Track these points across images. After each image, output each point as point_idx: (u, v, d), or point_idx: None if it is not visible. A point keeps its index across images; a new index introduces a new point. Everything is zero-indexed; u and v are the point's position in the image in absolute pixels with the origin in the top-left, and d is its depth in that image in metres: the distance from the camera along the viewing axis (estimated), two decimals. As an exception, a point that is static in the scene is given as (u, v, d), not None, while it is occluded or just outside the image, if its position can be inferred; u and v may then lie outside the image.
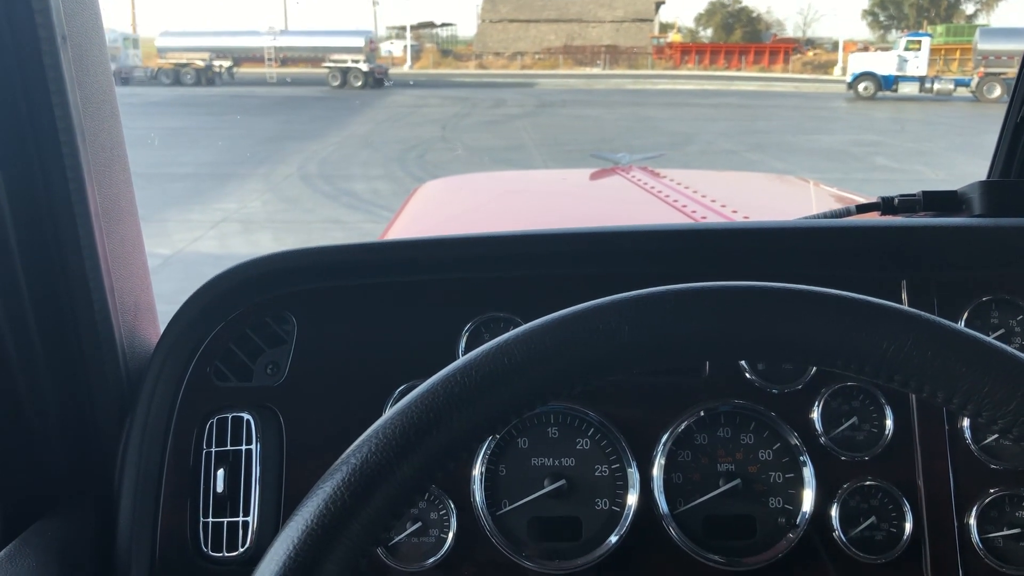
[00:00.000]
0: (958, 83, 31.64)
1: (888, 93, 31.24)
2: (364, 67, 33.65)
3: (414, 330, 1.25)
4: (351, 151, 15.22)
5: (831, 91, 33.99)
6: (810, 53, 54.16)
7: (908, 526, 1.19)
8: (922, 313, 0.64)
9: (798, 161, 14.49)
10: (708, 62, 51.93)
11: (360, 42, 34.43)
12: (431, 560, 1.18)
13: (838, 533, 1.19)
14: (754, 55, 51.66)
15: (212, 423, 1.21)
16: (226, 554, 1.17)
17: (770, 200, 3.20)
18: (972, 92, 30.13)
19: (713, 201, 2.61)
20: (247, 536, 1.17)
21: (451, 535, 1.19)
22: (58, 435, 1.15)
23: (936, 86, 31.52)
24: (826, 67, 47.53)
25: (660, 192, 2.78)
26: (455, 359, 0.78)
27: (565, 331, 0.64)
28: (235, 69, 36.77)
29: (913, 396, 1.23)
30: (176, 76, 34.05)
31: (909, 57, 31.78)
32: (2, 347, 1.08)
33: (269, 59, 37.97)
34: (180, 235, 8.82)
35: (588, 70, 51.75)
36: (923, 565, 1.19)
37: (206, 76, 34.10)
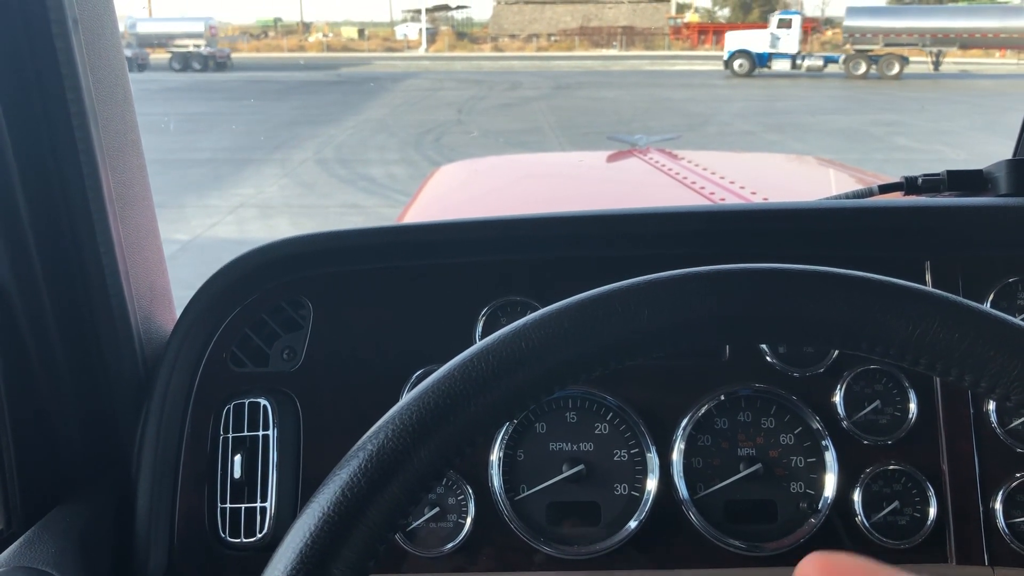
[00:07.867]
0: (827, 60, 32.15)
1: (764, 70, 31.71)
2: (205, 51, 35.37)
3: (431, 314, 1.25)
4: (367, 135, 15.21)
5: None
6: (828, 33, 53.55)
7: (932, 511, 1.18)
8: (948, 294, 0.62)
9: (816, 141, 14.37)
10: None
11: (200, 27, 36.57)
12: (449, 545, 1.18)
13: (861, 518, 1.17)
14: (772, 35, 51.10)
15: (229, 408, 1.20)
16: (244, 539, 1.17)
17: (789, 181, 3.17)
18: (841, 68, 30.48)
19: (732, 182, 2.58)
20: (265, 522, 1.17)
21: (469, 520, 1.18)
22: (75, 421, 1.16)
23: (806, 63, 31.98)
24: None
25: (678, 174, 2.76)
26: (472, 343, 0.77)
27: (584, 315, 0.63)
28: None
29: (937, 379, 1.21)
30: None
31: (781, 35, 32.19)
32: (18, 334, 1.08)
33: (128, 44, 39.19)
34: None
35: (604, 51, 51.45)
36: (947, 550, 1.17)
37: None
